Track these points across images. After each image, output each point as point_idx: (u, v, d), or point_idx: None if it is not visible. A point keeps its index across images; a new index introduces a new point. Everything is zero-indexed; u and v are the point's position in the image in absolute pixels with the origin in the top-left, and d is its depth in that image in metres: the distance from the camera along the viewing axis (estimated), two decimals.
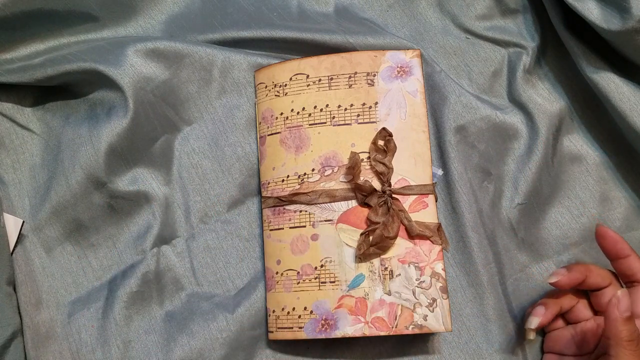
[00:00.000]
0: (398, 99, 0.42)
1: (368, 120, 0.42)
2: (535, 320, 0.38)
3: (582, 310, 0.39)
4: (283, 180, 0.42)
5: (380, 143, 0.41)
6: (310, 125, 0.42)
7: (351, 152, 0.41)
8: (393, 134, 0.41)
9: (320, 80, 0.43)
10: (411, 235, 0.40)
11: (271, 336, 0.42)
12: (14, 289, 0.43)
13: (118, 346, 0.43)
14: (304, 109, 0.43)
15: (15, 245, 0.44)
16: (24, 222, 0.44)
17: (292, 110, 0.43)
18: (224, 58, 0.46)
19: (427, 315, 0.39)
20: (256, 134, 0.46)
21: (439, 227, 0.40)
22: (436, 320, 0.39)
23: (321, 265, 0.41)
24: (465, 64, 0.48)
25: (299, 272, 0.41)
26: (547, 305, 0.39)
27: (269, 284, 0.42)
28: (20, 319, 0.42)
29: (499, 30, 0.48)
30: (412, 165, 0.41)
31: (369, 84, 0.42)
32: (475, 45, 0.48)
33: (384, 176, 0.40)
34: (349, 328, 0.39)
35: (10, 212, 0.45)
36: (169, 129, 0.46)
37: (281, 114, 0.43)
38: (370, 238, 0.39)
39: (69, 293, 0.44)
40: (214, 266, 0.45)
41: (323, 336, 0.40)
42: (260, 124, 0.45)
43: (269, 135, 0.44)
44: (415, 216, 0.40)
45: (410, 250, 0.40)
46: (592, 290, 0.39)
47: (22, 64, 0.46)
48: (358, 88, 0.42)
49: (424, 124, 0.42)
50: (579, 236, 0.45)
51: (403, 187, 0.41)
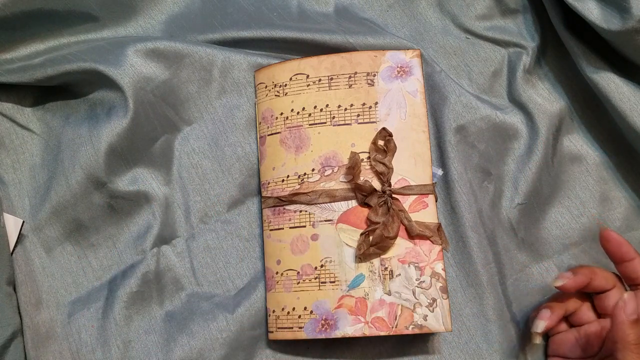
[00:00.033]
0: (398, 99, 0.42)
1: (368, 120, 0.42)
2: (541, 323, 0.38)
3: (586, 313, 0.39)
4: (283, 180, 0.42)
5: (380, 143, 0.41)
6: (310, 125, 0.42)
7: (351, 152, 0.41)
8: (393, 134, 0.41)
9: (320, 80, 0.43)
10: (411, 235, 0.40)
11: (271, 336, 0.42)
12: (14, 289, 0.43)
13: (118, 346, 0.43)
14: (304, 109, 0.43)
15: (15, 245, 0.44)
16: (24, 222, 0.44)
17: (292, 110, 0.43)
18: (224, 58, 0.46)
19: (427, 315, 0.39)
20: (256, 134, 0.46)
21: (439, 227, 0.40)
22: (436, 320, 0.39)
23: (321, 265, 0.41)
24: (465, 64, 0.48)
25: (299, 272, 0.41)
26: (553, 308, 0.38)
27: (269, 284, 0.42)
28: (20, 319, 0.42)
29: (499, 30, 0.48)
30: (412, 165, 0.41)
31: (369, 84, 0.42)
32: (475, 45, 0.48)
33: (384, 176, 0.40)
34: (349, 328, 0.39)
35: (10, 212, 0.45)
36: (169, 129, 0.46)
37: (281, 114, 0.43)
38: (370, 238, 0.39)
39: (69, 293, 0.44)
40: (214, 266, 0.45)
41: (323, 336, 0.40)
42: (260, 124, 0.45)
43: (269, 135, 0.44)
44: (415, 216, 0.40)
45: (410, 250, 0.40)
46: (596, 293, 0.39)
47: (22, 64, 0.46)
48: (358, 88, 0.42)
49: (424, 124, 0.42)
50: (579, 236, 0.45)
51: (403, 187, 0.41)
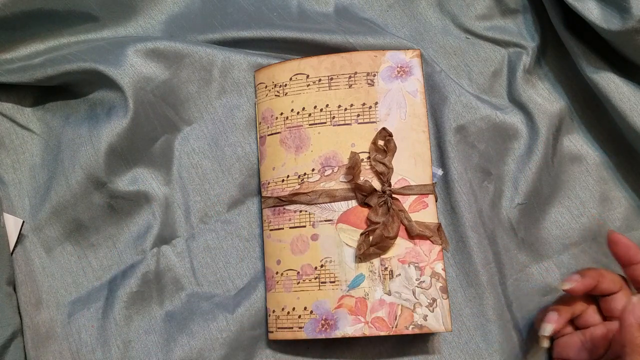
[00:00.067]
0: (398, 99, 0.42)
1: (368, 120, 0.42)
2: (549, 326, 0.37)
3: (592, 315, 0.39)
4: (283, 180, 0.42)
5: (380, 143, 0.41)
6: (310, 125, 0.42)
7: (351, 152, 0.41)
8: (393, 134, 0.41)
9: (320, 80, 0.43)
10: (411, 235, 0.40)
11: (271, 336, 0.42)
12: (14, 289, 0.43)
13: (118, 346, 0.43)
14: (304, 109, 0.43)
15: (15, 245, 0.44)
16: (24, 222, 0.44)
17: (292, 110, 0.43)
18: (224, 58, 0.46)
19: (427, 315, 0.39)
20: (256, 134, 0.46)
21: (439, 227, 0.40)
22: (436, 320, 0.39)
23: (321, 265, 0.41)
24: (465, 64, 0.48)
25: (299, 272, 0.41)
26: (560, 311, 0.38)
27: (269, 284, 0.42)
28: (20, 319, 0.42)
29: (499, 30, 0.48)
30: (412, 165, 0.41)
31: (369, 84, 0.42)
32: (475, 45, 0.48)
33: (384, 176, 0.40)
34: (349, 328, 0.39)
35: (10, 212, 0.45)
36: (169, 129, 0.46)
37: (281, 114, 0.43)
38: (370, 238, 0.39)
39: (69, 293, 0.44)
40: (214, 266, 0.45)
41: (323, 336, 0.40)
42: (260, 124, 0.45)
43: (269, 135, 0.44)
44: (415, 216, 0.40)
45: (410, 250, 0.40)
46: (602, 295, 0.38)
47: (22, 64, 0.46)
48: (358, 88, 0.42)
49: (424, 124, 0.42)
50: (579, 236, 0.45)
51: (403, 187, 0.41)
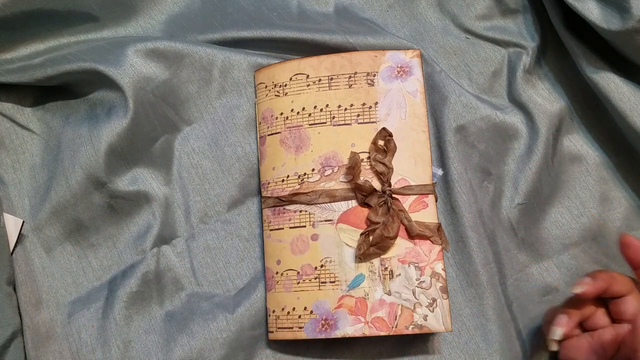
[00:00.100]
0: (398, 99, 0.42)
1: (368, 120, 0.42)
2: (559, 330, 0.37)
3: (601, 318, 0.38)
4: (283, 180, 0.42)
5: (380, 143, 0.41)
6: (310, 125, 0.42)
7: (351, 152, 0.41)
8: (393, 134, 0.41)
9: (320, 80, 0.43)
10: (411, 235, 0.40)
11: (271, 336, 0.42)
12: (14, 289, 0.43)
13: (118, 346, 0.43)
14: (304, 109, 0.43)
15: (15, 245, 0.44)
16: (24, 222, 0.44)
17: (292, 110, 0.43)
18: (224, 58, 0.46)
19: (427, 315, 0.39)
20: (256, 134, 0.46)
21: (439, 227, 0.40)
22: (436, 320, 0.39)
23: (321, 265, 0.41)
24: (465, 64, 0.48)
25: (299, 272, 0.41)
26: (570, 314, 0.37)
27: (269, 284, 0.42)
28: (20, 319, 0.42)
29: (499, 30, 0.48)
30: (412, 165, 0.41)
31: (369, 84, 0.42)
32: (475, 45, 0.48)
33: (384, 176, 0.40)
34: (349, 328, 0.39)
35: (10, 212, 0.45)
36: (169, 129, 0.46)
37: (281, 114, 0.43)
38: (370, 238, 0.39)
39: (69, 293, 0.44)
40: (214, 266, 0.45)
41: (323, 336, 0.40)
42: (260, 124, 0.45)
43: (269, 135, 0.44)
44: (415, 216, 0.40)
45: (410, 250, 0.40)
46: (612, 298, 0.38)
47: (22, 64, 0.46)
48: (358, 88, 0.42)
49: (424, 124, 0.42)
50: (579, 236, 0.45)
51: (403, 187, 0.41)
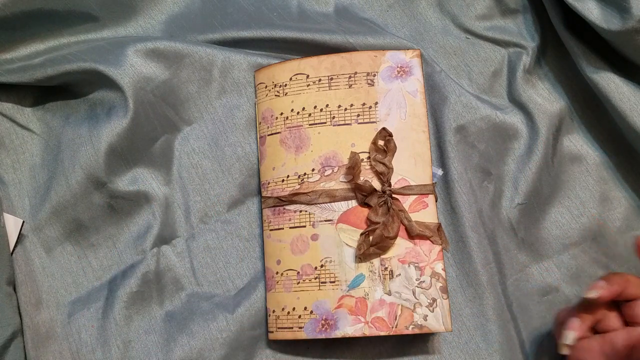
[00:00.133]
0: (398, 99, 0.42)
1: (368, 120, 0.42)
2: (571, 334, 0.36)
3: (613, 320, 0.37)
4: (283, 180, 0.42)
5: (380, 143, 0.41)
6: (310, 125, 0.42)
7: (351, 152, 0.41)
8: (393, 134, 0.41)
9: (320, 80, 0.43)
10: (411, 235, 0.40)
11: (271, 336, 0.42)
12: (14, 289, 0.43)
13: (118, 346, 0.43)
14: (304, 109, 0.43)
15: (15, 245, 0.44)
16: (24, 222, 0.44)
17: (292, 110, 0.43)
18: (224, 58, 0.46)
19: (427, 315, 0.39)
20: (256, 134, 0.46)
21: (439, 227, 0.40)
22: (436, 320, 0.39)
23: (321, 265, 0.41)
24: (465, 64, 0.48)
25: (299, 272, 0.41)
26: (582, 317, 0.36)
27: (269, 284, 0.42)
28: (20, 319, 0.42)
29: (499, 30, 0.48)
30: (412, 165, 0.41)
31: (369, 84, 0.42)
32: (475, 45, 0.48)
33: (384, 176, 0.40)
34: (349, 328, 0.39)
35: (10, 212, 0.45)
36: (169, 129, 0.46)
37: (281, 114, 0.43)
38: (370, 238, 0.39)
39: (69, 293, 0.44)
40: (214, 266, 0.45)
41: (323, 336, 0.40)
42: (260, 124, 0.45)
43: (269, 135, 0.44)
44: (415, 216, 0.40)
45: (410, 250, 0.40)
46: (626, 300, 0.37)
47: (22, 64, 0.46)
48: (358, 88, 0.42)
49: (424, 124, 0.42)
50: (579, 236, 0.45)
51: (403, 187, 0.41)
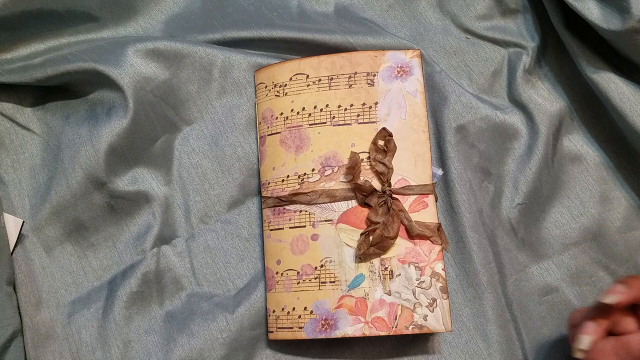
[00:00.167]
0: (398, 99, 0.42)
1: (368, 120, 0.42)
2: (587, 339, 0.34)
3: (629, 322, 0.36)
4: (283, 180, 0.42)
5: (380, 143, 0.41)
6: (310, 125, 0.42)
7: (351, 152, 0.41)
8: (393, 134, 0.41)
9: (320, 80, 0.43)
10: (411, 235, 0.40)
11: (271, 336, 0.42)
12: (14, 289, 0.43)
13: (118, 346, 0.43)
14: (304, 109, 0.43)
15: (15, 245, 0.44)
16: (24, 222, 0.44)
17: (292, 110, 0.43)
18: (224, 58, 0.46)
19: (427, 315, 0.39)
20: (256, 134, 0.46)
21: (439, 227, 0.40)
22: (436, 320, 0.39)
23: (321, 265, 0.41)
24: (465, 64, 0.48)
25: (299, 272, 0.41)
26: (598, 321, 0.35)
27: (269, 284, 0.42)
28: (20, 319, 0.42)
29: (499, 30, 0.48)
30: (412, 165, 0.41)
31: (369, 84, 0.42)
32: (475, 45, 0.48)
33: (384, 176, 0.40)
34: (349, 328, 0.39)
35: (10, 212, 0.45)
36: (169, 129, 0.46)
37: (281, 114, 0.43)
38: (370, 238, 0.39)
39: (69, 293, 0.44)
40: (214, 266, 0.45)
41: (323, 336, 0.40)
42: (260, 124, 0.45)
43: (269, 135, 0.44)
44: (415, 216, 0.40)
45: (410, 250, 0.40)
46: None
47: (22, 64, 0.46)
48: (358, 88, 0.42)
49: (424, 124, 0.42)
50: (579, 236, 0.45)
51: (403, 187, 0.41)
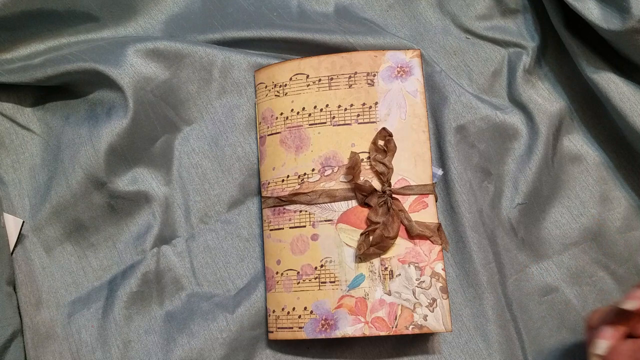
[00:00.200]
0: (398, 99, 0.42)
1: (368, 120, 0.42)
2: (604, 343, 0.33)
3: None
4: (283, 180, 0.42)
5: (380, 143, 0.41)
6: (310, 125, 0.42)
7: (351, 152, 0.41)
8: (393, 134, 0.41)
9: (320, 80, 0.43)
10: (411, 235, 0.40)
11: (271, 336, 0.42)
12: (14, 289, 0.43)
13: (118, 346, 0.43)
14: (304, 109, 0.43)
15: (15, 245, 0.44)
16: (24, 222, 0.44)
17: (292, 110, 0.43)
18: (224, 58, 0.46)
19: (427, 315, 0.39)
20: (256, 134, 0.46)
21: (439, 227, 0.40)
22: (436, 320, 0.39)
23: (321, 265, 0.41)
24: (465, 64, 0.48)
25: (299, 272, 0.41)
26: (616, 326, 0.34)
27: (269, 284, 0.42)
28: (20, 319, 0.42)
29: (499, 30, 0.48)
30: (412, 165, 0.41)
31: (369, 84, 0.42)
32: (475, 45, 0.48)
33: (384, 176, 0.40)
34: (349, 328, 0.39)
35: (10, 212, 0.45)
36: (169, 129, 0.46)
37: (281, 114, 0.43)
38: (370, 238, 0.39)
39: (69, 293, 0.44)
40: (214, 266, 0.45)
41: (323, 336, 0.40)
42: (260, 124, 0.45)
43: (269, 135, 0.44)
44: (415, 216, 0.40)
45: (410, 250, 0.40)
46: None
47: (22, 64, 0.46)
48: (358, 88, 0.42)
49: (424, 124, 0.42)
50: (579, 236, 0.45)
51: (403, 187, 0.41)
